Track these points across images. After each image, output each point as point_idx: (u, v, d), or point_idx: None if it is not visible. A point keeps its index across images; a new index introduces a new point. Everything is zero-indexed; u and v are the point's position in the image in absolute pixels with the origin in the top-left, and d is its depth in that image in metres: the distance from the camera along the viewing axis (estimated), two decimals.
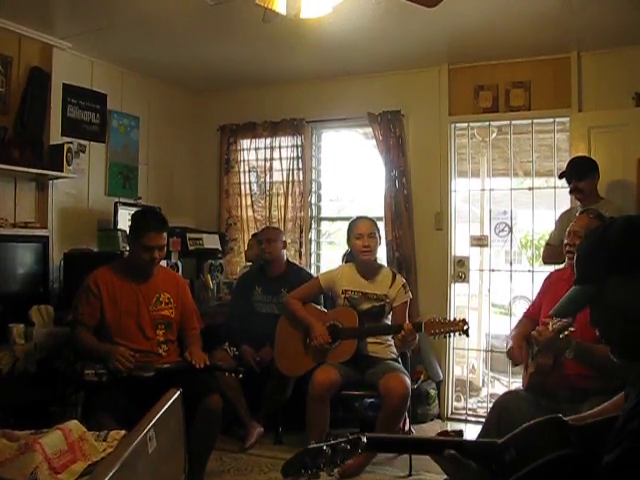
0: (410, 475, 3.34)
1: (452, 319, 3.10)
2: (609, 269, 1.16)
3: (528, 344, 2.66)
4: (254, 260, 4.44)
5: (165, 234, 3.02)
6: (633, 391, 1.22)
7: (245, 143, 5.28)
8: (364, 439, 1.29)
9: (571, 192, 3.66)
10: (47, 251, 3.87)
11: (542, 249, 3.94)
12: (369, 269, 3.50)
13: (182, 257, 4.43)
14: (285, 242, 4.22)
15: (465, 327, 3.04)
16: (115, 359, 2.72)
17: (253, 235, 4.64)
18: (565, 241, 2.72)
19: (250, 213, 5.22)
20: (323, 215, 5.30)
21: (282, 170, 5.10)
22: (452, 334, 3.10)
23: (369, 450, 1.32)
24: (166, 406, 1.60)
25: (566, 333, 2.36)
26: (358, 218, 3.58)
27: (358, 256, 3.47)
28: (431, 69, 4.59)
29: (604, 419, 1.32)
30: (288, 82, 5.01)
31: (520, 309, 4.02)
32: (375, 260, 3.58)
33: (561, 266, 3.25)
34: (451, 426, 4.33)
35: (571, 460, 1.19)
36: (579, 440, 1.23)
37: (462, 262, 4.54)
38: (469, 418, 4.47)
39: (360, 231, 3.44)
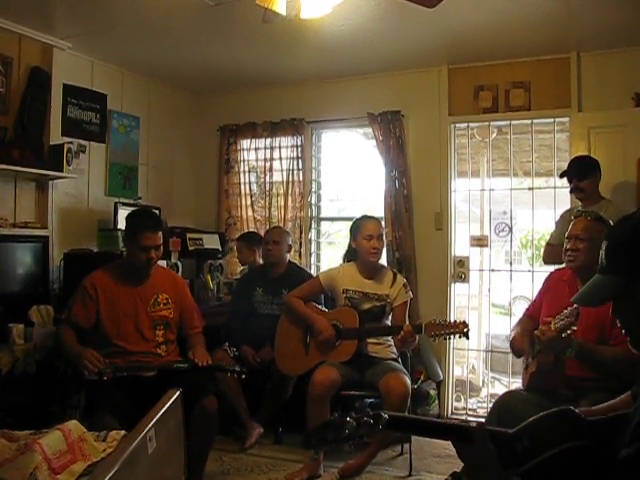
0: (410, 475, 3.33)
1: (453, 321, 3.08)
2: None
3: (530, 342, 2.65)
4: (248, 263, 4.41)
5: (160, 234, 3.01)
6: None
7: (245, 143, 5.28)
8: (385, 415, 1.31)
9: (572, 192, 3.65)
10: (47, 251, 3.87)
11: (542, 249, 3.94)
12: (370, 269, 3.50)
13: (182, 257, 4.43)
14: (291, 246, 4.22)
15: (465, 330, 3.03)
16: (82, 362, 2.70)
17: (238, 239, 4.56)
18: (566, 245, 2.70)
19: (250, 213, 5.23)
20: (323, 215, 5.29)
21: (282, 170, 5.10)
22: (452, 336, 3.09)
23: (389, 428, 1.33)
24: (166, 407, 1.60)
25: (568, 332, 2.36)
26: (366, 218, 3.53)
27: (365, 257, 3.45)
28: (431, 69, 4.59)
29: (614, 415, 1.32)
30: (288, 82, 5.01)
31: (520, 309, 4.01)
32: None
33: (562, 266, 3.25)
34: None
35: (583, 451, 1.20)
36: (591, 433, 1.24)
37: (462, 262, 4.54)
38: (469, 418, 4.47)
39: (370, 232, 3.42)
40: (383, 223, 4.52)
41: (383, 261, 4.37)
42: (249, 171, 5.28)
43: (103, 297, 2.95)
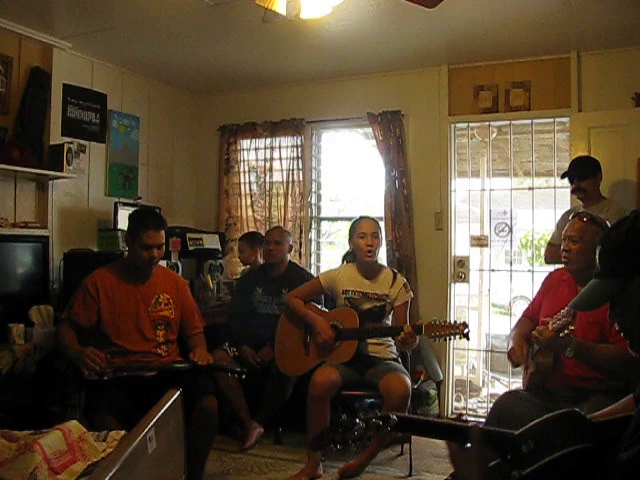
0: (410, 475, 3.34)
1: (453, 322, 3.07)
2: (637, 265, 1.13)
3: (528, 344, 2.65)
4: (250, 263, 4.42)
5: (163, 232, 3.00)
6: None
7: (245, 143, 5.28)
8: (394, 417, 1.32)
9: (573, 192, 3.66)
10: (47, 251, 3.87)
11: (543, 249, 3.94)
12: (370, 269, 3.50)
13: (182, 257, 4.43)
14: (292, 246, 4.23)
15: (466, 330, 3.01)
16: (83, 360, 2.67)
17: (240, 238, 4.58)
18: (562, 246, 2.71)
19: (250, 213, 5.23)
20: (323, 215, 5.30)
21: (282, 170, 5.10)
22: (452, 337, 3.08)
23: (397, 429, 1.33)
24: (166, 407, 1.60)
25: (566, 332, 2.36)
26: (361, 218, 3.56)
27: (361, 256, 3.45)
28: (431, 69, 4.59)
29: (617, 418, 1.32)
30: (288, 82, 5.01)
31: (520, 309, 4.02)
32: (376, 260, 3.58)
33: (562, 266, 3.24)
34: None
35: (590, 454, 1.20)
36: (597, 435, 1.24)
37: (462, 262, 4.54)
38: (469, 418, 4.46)
39: (363, 230, 3.43)
40: (383, 223, 4.53)
41: (383, 261, 4.38)
42: (249, 171, 5.28)
43: (104, 295, 2.95)
